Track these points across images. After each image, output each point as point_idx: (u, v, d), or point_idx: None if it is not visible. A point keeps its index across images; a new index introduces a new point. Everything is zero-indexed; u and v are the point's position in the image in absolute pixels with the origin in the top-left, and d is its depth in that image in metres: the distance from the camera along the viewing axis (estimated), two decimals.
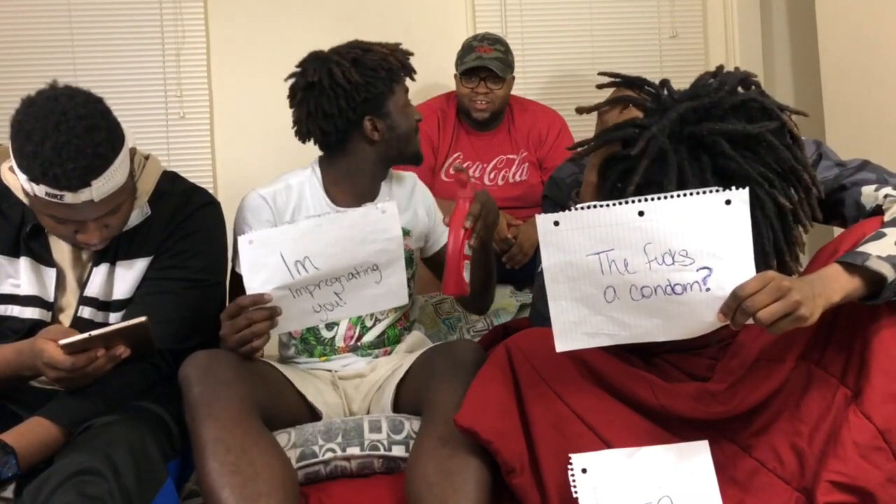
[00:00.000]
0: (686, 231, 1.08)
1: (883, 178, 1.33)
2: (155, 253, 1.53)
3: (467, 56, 2.57)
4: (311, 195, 1.74)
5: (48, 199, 1.33)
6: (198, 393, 1.36)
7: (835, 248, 1.27)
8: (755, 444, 1.26)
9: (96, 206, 1.37)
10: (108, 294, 1.53)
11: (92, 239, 1.42)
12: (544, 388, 1.27)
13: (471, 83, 2.56)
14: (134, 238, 1.53)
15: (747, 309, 1.08)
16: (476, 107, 2.56)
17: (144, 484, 1.24)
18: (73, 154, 1.30)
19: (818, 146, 1.41)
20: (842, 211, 1.36)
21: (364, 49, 1.70)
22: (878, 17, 2.42)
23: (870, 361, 1.17)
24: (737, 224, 1.08)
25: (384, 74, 1.68)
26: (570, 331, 1.17)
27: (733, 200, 1.07)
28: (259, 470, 1.28)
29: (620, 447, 1.22)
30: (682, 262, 1.09)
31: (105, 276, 1.52)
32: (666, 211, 1.08)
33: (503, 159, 2.65)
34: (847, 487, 1.16)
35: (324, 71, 1.66)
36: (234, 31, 3.06)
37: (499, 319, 2.30)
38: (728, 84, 1.23)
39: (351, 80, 1.65)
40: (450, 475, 1.28)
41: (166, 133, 3.03)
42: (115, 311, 1.52)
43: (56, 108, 1.31)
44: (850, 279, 1.15)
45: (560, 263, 1.13)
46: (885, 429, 1.15)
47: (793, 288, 1.08)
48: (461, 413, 1.28)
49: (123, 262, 1.52)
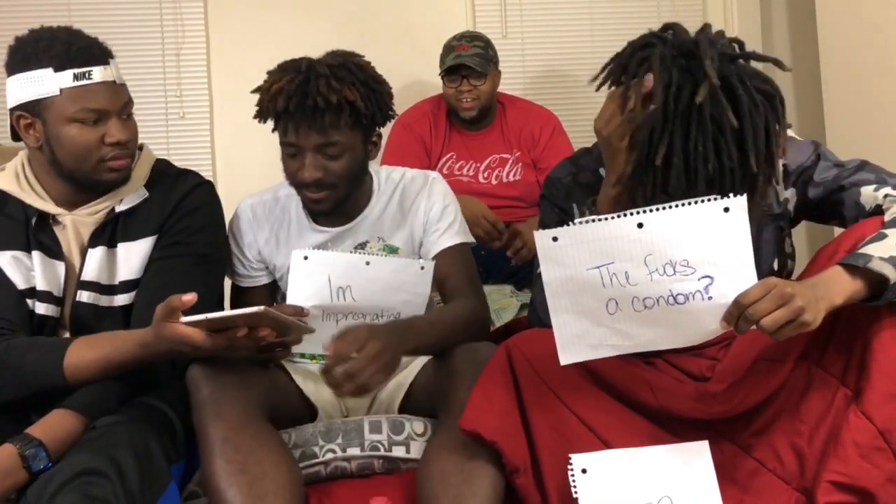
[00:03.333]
0: (686, 241, 1.08)
1: (882, 179, 1.33)
2: (158, 233, 1.53)
3: (447, 56, 2.57)
4: (295, 211, 1.71)
5: (76, 85, 1.41)
6: (206, 394, 1.36)
7: (834, 249, 1.27)
8: (755, 445, 1.26)
9: (118, 93, 1.47)
10: (111, 277, 1.52)
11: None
12: (544, 389, 1.27)
13: (454, 83, 2.56)
14: (133, 219, 1.53)
15: (750, 317, 1.08)
16: (462, 105, 2.56)
17: (148, 486, 1.23)
18: (84, 35, 1.47)
19: (816, 147, 1.40)
20: (841, 211, 1.36)
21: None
22: (878, 17, 2.42)
23: (870, 362, 1.17)
24: (736, 231, 1.08)
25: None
26: (573, 343, 1.17)
27: (731, 208, 1.07)
28: (267, 470, 1.28)
29: (620, 448, 1.22)
30: (684, 272, 1.09)
31: (103, 260, 1.51)
32: (665, 222, 1.08)
33: (496, 158, 2.64)
34: (847, 487, 1.16)
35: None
36: (234, 31, 3.07)
37: (500, 319, 2.30)
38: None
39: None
40: (469, 477, 1.27)
41: (166, 133, 3.03)
42: (121, 293, 1.52)
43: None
44: (853, 281, 1.15)
45: (560, 278, 1.13)
46: (885, 429, 1.15)
47: (795, 294, 1.07)
48: (464, 417, 1.28)
49: (125, 244, 1.52)
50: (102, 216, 1.52)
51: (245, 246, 1.71)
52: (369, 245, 1.70)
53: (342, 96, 1.51)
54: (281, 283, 1.73)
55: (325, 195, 1.60)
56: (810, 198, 1.38)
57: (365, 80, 1.57)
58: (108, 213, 1.52)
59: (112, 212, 1.53)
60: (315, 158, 1.55)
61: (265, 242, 1.70)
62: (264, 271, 1.73)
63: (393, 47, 3.01)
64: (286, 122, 1.55)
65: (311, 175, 1.56)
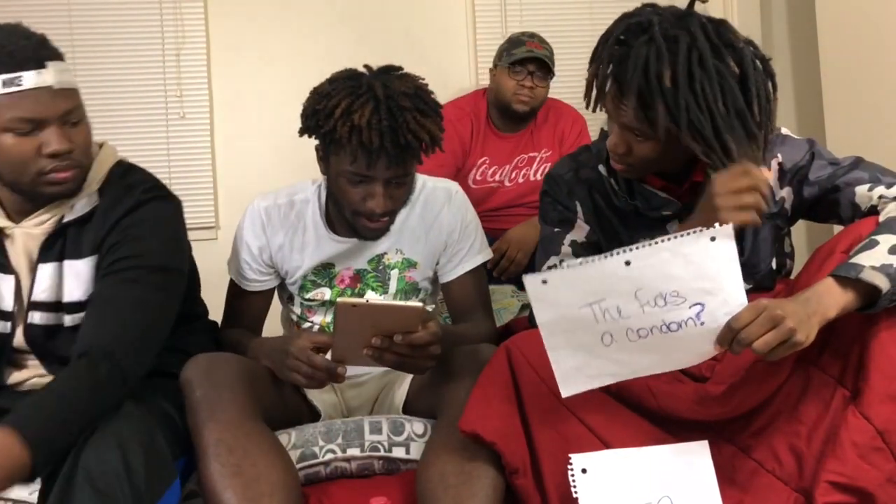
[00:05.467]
0: (674, 273, 1.08)
1: (876, 177, 1.33)
2: (97, 251, 1.40)
3: (516, 48, 2.54)
4: (311, 217, 1.68)
5: (5, 92, 1.28)
6: (200, 395, 1.36)
7: (831, 248, 1.28)
8: (754, 445, 1.26)
9: (56, 99, 1.32)
10: (59, 295, 1.42)
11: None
12: (544, 390, 1.27)
13: (518, 75, 2.54)
14: (81, 232, 1.42)
15: (742, 341, 1.10)
16: (520, 99, 2.54)
17: (155, 481, 1.23)
18: (26, 34, 1.33)
19: (811, 145, 1.41)
20: (838, 212, 1.37)
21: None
22: (878, 17, 2.42)
23: (868, 362, 1.18)
24: (724, 258, 1.08)
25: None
26: (572, 376, 1.17)
27: (718, 237, 1.07)
28: (262, 471, 1.28)
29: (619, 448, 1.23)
30: (675, 302, 1.10)
31: (52, 276, 1.41)
32: (652, 257, 1.08)
33: (524, 158, 2.63)
34: (846, 488, 1.16)
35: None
36: (234, 31, 3.07)
37: (501, 319, 2.30)
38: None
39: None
40: (469, 478, 1.28)
41: (166, 133, 3.02)
42: (69, 314, 1.42)
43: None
44: (845, 293, 1.15)
45: (554, 318, 1.13)
46: (883, 429, 1.15)
47: (786, 316, 1.08)
48: (464, 418, 1.28)
49: (70, 262, 1.42)
50: (50, 226, 1.41)
51: (256, 249, 1.68)
52: (387, 257, 1.69)
53: (427, 131, 1.48)
54: (292, 288, 1.72)
55: (385, 222, 1.57)
56: (806, 197, 1.39)
57: (436, 110, 1.53)
58: (56, 222, 1.41)
59: (61, 220, 1.41)
60: (386, 189, 1.51)
61: (278, 248, 1.68)
62: (272, 275, 1.72)
63: (393, 47, 3.01)
64: (365, 154, 1.46)
65: (382, 206, 1.51)
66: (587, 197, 1.52)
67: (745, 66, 1.25)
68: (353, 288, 1.68)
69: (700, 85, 1.22)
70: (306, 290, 1.69)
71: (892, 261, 1.16)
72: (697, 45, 1.24)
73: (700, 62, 1.23)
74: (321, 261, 1.67)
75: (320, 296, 1.68)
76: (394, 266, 1.68)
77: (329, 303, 1.69)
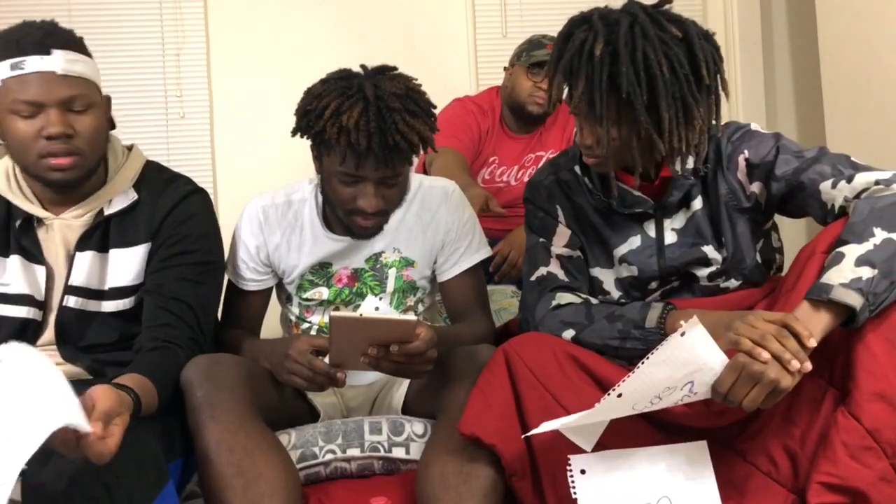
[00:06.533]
0: (661, 377, 1.11)
1: (838, 171, 1.33)
2: (151, 240, 1.50)
3: (536, 50, 2.53)
4: (309, 217, 1.69)
5: (12, 75, 1.35)
6: (200, 396, 1.36)
7: (812, 250, 1.28)
8: (749, 449, 1.27)
9: (58, 84, 1.37)
10: (101, 282, 1.49)
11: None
12: (542, 392, 1.28)
13: (536, 76, 2.53)
14: (125, 224, 1.50)
15: (730, 403, 1.12)
16: (535, 101, 2.54)
17: (145, 485, 1.22)
18: (38, 25, 1.41)
19: (777, 139, 1.41)
20: (808, 212, 1.37)
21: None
22: (878, 17, 2.42)
23: (854, 362, 1.17)
24: (698, 343, 1.10)
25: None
26: (582, 434, 1.21)
27: (687, 331, 1.09)
28: (262, 472, 1.29)
29: None
30: (668, 393, 1.13)
31: (92, 265, 1.48)
32: (638, 380, 1.11)
33: (531, 157, 2.64)
34: (838, 488, 1.16)
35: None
36: (234, 31, 3.07)
37: (500, 319, 2.30)
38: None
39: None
40: (468, 478, 1.28)
41: (166, 133, 3.03)
42: (110, 300, 1.49)
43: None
44: (821, 316, 1.15)
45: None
46: (873, 428, 1.15)
47: (765, 369, 1.08)
48: (463, 421, 1.28)
49: (118, 251, 1.49)
50: (90, 219, 1.48)
51: (253, 248, 1.68)
52: (384, 255, 1.69)
53: (416, 132, 1.49)
54: (290, 287, 1.72)
55: (378, 220, 1.59)
56: (774, 193, 1.39)
57: (427, 111, 1.54)
58: (95, 215, 1.49)
59: (101, 214, 1.49)
60: (377, 189, 1.52)
61: (275, 247, 1.68)
62: (270, 274, 1.72)
63: (393, 47, 3.01)
64: (353, 155, 1.48)
65: (373, 206, 1.52)
66: (566, 200, 1.53)
67: (690, 35, 1.30)
68: (350, 287, 1.68)
69: (643, 53, 1.27)
70: (304, 289, 1.69)
71: (861, 273, 1.15)
72: (638, 20, 1.29)
73: (643, 34, 1.28)
74: (318, 259, 1.67)
75: (318, 295, 1.69)
76: (391, 265, 1.69)
77: (327, 302, 1.69)
